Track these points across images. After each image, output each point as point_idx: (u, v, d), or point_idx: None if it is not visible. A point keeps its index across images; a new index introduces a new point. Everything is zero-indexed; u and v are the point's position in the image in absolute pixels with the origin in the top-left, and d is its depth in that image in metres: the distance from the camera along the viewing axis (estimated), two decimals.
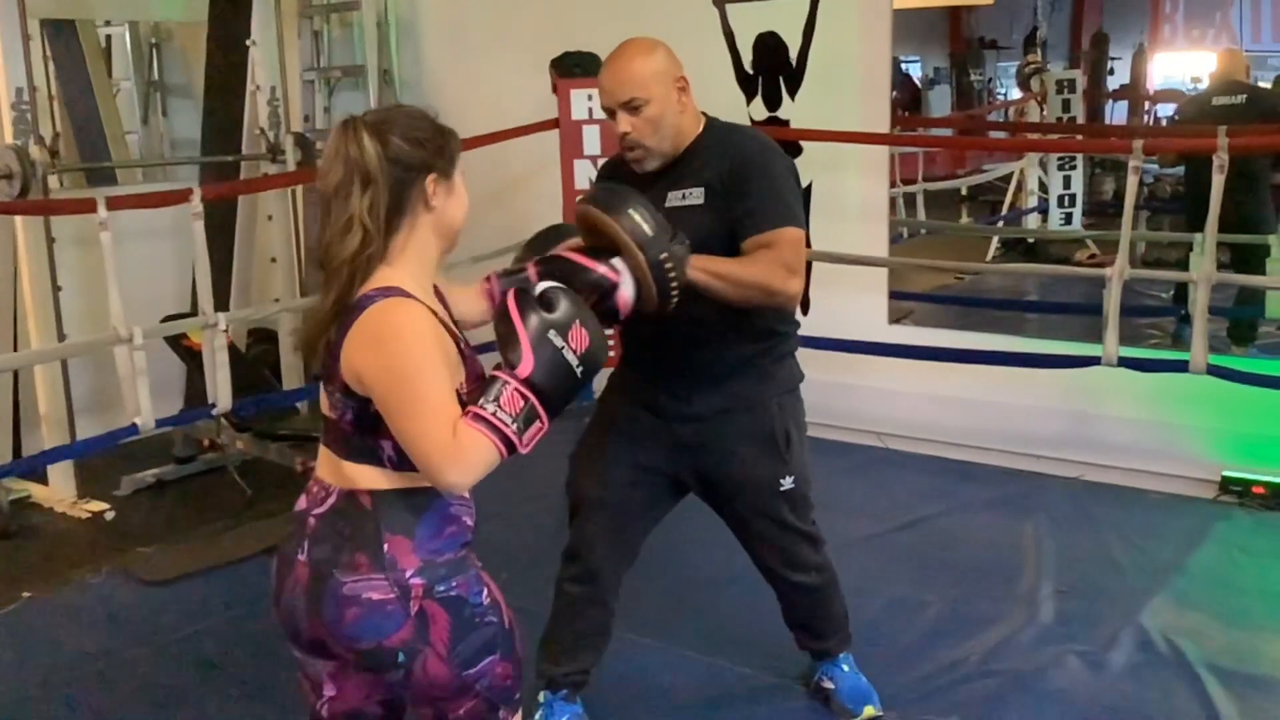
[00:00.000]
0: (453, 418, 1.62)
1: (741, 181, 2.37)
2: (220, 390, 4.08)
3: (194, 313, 4.61)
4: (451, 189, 1.77)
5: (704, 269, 2.23)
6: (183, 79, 6.16)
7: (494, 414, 1.62)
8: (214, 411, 4.16)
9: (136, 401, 3.83)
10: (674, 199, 2.40)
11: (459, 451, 1.61)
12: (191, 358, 4.56)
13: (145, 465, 4.74)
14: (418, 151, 1.71)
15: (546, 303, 1.69)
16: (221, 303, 4.32)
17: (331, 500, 1.73)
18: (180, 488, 4.72)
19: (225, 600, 3.62)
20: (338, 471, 1.74)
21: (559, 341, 1.67)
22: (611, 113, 2.39)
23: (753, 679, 3.02)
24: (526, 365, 1.65)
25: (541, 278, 1.98)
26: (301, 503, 1.80)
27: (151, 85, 6.07)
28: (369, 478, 1.72)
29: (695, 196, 2.39)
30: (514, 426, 1.63)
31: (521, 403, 1.64)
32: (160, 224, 4.90)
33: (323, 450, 1.79)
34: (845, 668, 2.84)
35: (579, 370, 1.69)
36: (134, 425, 3.86)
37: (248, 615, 3.45)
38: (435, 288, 1.83)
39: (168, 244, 5.17)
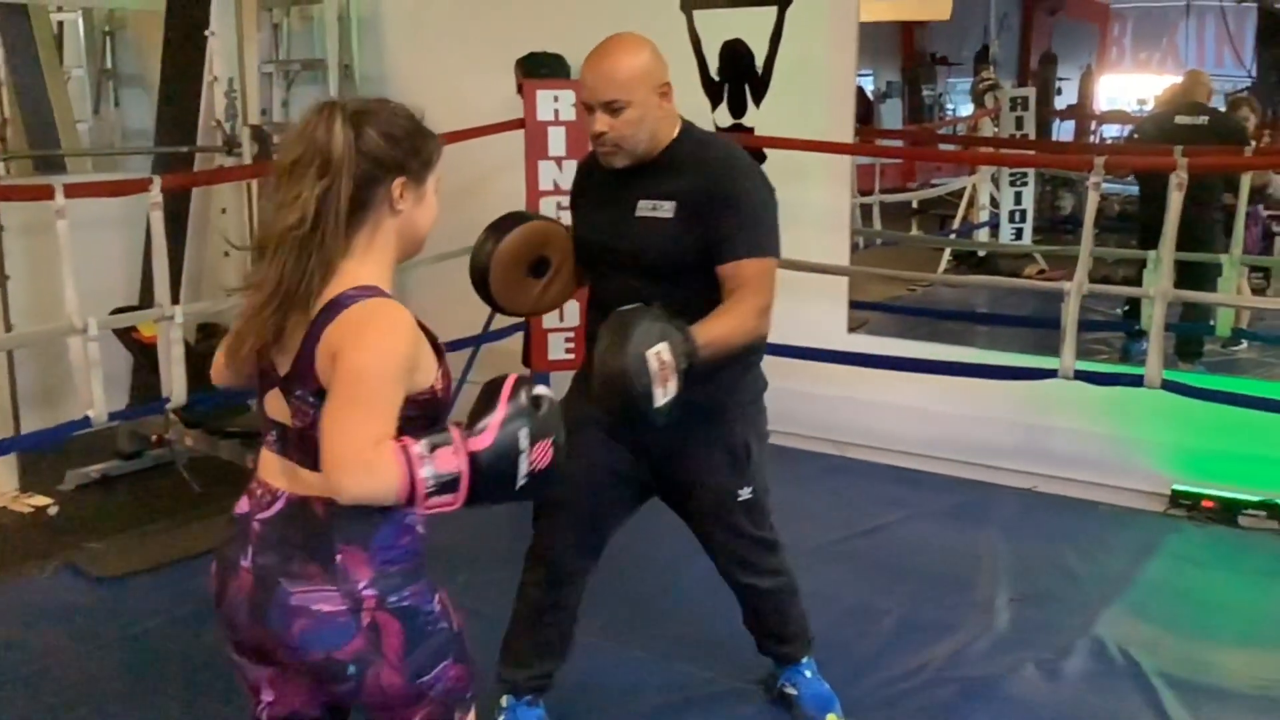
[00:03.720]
0: (383, 433, 1.55)
1: (715, 203, 2.36)
2: (175, 384, 3.99)
3: (143, 305, 4.52)
4: (422, 196, 1.72)
5: (705, 353, 2.23)
6: (136, 68, 6.05)
7: (420, 458, 1.53)
8: (168, 405, 4.07)
9: (90, 393, 3.74)
10: (645, 208, 2.40)
11: (368, 464, 1.52)
12: (142, 351, 4.46)
13: (88, 461, 4.64)
14: (391, 149, 1.66)
15: (536, 403, 1.64)
16: (172, 296, 4.23)
17: (279, 506, 1.68)
18: (126, 484, 4.62)
19: (174, 598, 3.54)
20: (291, 477, 1.69)
21: (524, 443, 1.60)
22: (589, 108, 2.36)
23: (714, 683, 3.02)
24: (483, 441, 1.57)
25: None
26: (243, 505, 1.75)
27: (104, 74, 5.95)
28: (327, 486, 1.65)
29: (665, 210, 2.38)
30: (430, 483, 1.54)
31: (453, 469, 1.55)
32: (107, 215, 4.78)
33: (269, 454, 1.73)
34: (808, 674, 2.84)
35: (521, 481, 1.61)
36: (86, 418, 3.77)
37: (196, 613, 3.38)
38: None
39: (115, 235, 5.07)
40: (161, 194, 3.92)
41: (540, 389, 1.67)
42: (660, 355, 2.05)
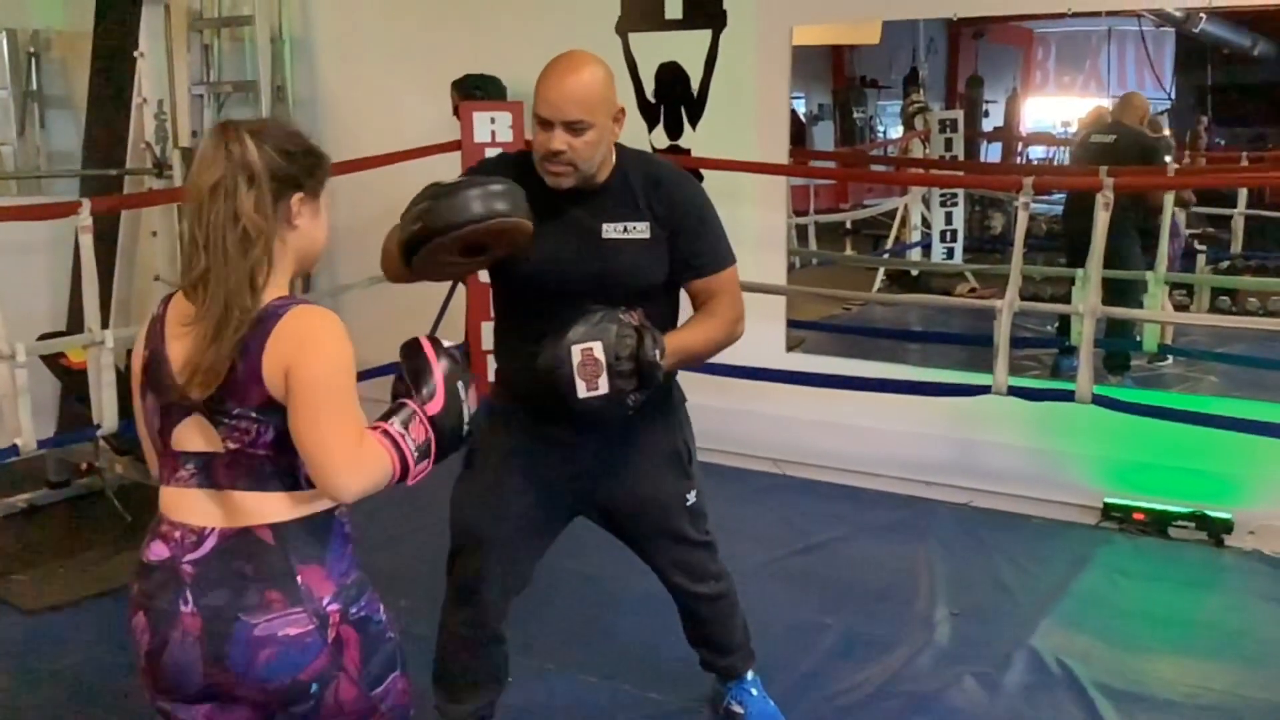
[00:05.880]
0: (360, 429, 1.66)
1: (684, 220, 2.41)
2: (106, 410, 3.91)
3: (71, 330, 4.43)
4: (316, 211, 1.74)
5: (674, 360, 2.34)
6: (62, 89, 5.92)
7: (402, 436, 1.69)
8: (99, 432, 3.98)
9: (17, 421, 3.65)
10: (612, 230, 2.37)
11: (361, 460, 1.64)
12: (70, 377, 4.37)
13: (15, 490, 4.53)
14: (289, 165, 1.68)
15: (453, 356, 1.80)
16: (102, 321, 4.14)
17: (211, 543, 1.65)
18: (54, 513, 4.52)
19: (103, 629, 3.46)
20: (222, 510, 1.66)
21: (464, 394, 1.78)
22: (547, 123, 2.29)
23: (659, 703, 3.02)
24: (437, 403, 1.74)
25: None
26: (160, 551, 1.69)
27: (29, 95, 5.82)
28: (273, 509, 1.66)
29: (640, 230, 2.38)
30: (415, 454, 1.69)
31: (425, 435, 1.71)
32: (34, 239, 4.70)
33: (182, 493, 1.69)
34: (754, 692, 2.85)
35: (466, 426, 1.79)
36: (14, 446, 3.68)
37: (126, 645, 3.29)
38: None
39: (41, 259, 4.97)
40: (91, 217, 3.85)
41: (449, 343, 1.83)
42: (589, 351, 2.14)
